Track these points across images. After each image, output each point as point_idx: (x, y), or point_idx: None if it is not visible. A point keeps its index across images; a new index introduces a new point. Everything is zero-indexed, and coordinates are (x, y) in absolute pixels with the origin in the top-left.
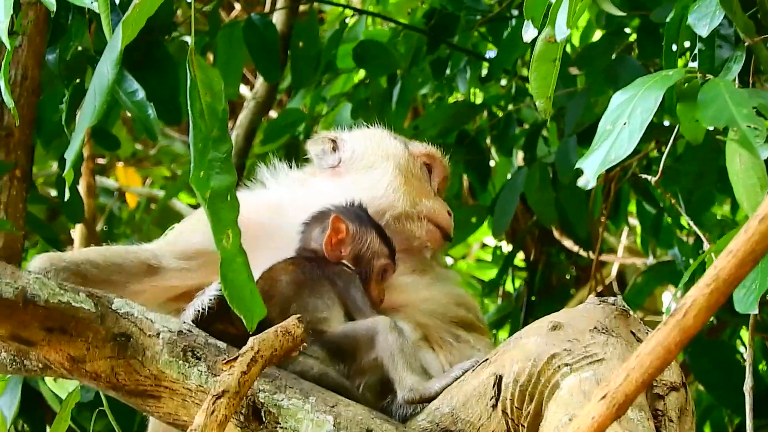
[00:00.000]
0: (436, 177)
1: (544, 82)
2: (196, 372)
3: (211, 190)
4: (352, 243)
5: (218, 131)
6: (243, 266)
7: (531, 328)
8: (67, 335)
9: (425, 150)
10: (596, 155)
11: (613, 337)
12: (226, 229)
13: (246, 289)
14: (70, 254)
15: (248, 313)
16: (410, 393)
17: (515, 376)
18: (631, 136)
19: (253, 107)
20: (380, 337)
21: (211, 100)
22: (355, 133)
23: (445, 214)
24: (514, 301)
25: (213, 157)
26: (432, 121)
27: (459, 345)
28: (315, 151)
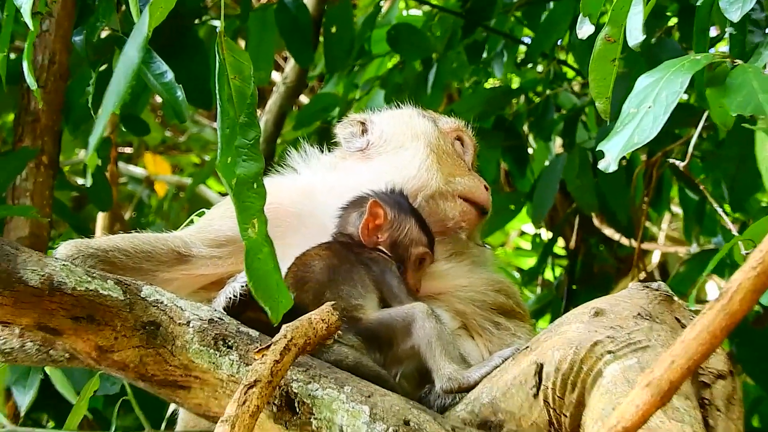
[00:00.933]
0: (468, 151)
1: (603, 82)
2: (227, 361)
3: (237, 178)
4: (389, 229)
5: (246, 117)
6: (269, 256)
7: (572, 315)
8: (95, 324)
9: (455, 125)
10: (619, 138)
11: (657, 324)
12: (252, 217)
13: (272, 279)
14: (97, 241)
15: (274, 303)
16: (449, 382)
17: (557, 364)
18: (656, 119)
19: (284, 92)
20: (417, 325)
21: (240, 84)
22: (383, 115)
23: (481, 189)
24: (555, 290)
25: (240, 144)
26: (468, 106)
27: (499, 332)
28: (343, 135)
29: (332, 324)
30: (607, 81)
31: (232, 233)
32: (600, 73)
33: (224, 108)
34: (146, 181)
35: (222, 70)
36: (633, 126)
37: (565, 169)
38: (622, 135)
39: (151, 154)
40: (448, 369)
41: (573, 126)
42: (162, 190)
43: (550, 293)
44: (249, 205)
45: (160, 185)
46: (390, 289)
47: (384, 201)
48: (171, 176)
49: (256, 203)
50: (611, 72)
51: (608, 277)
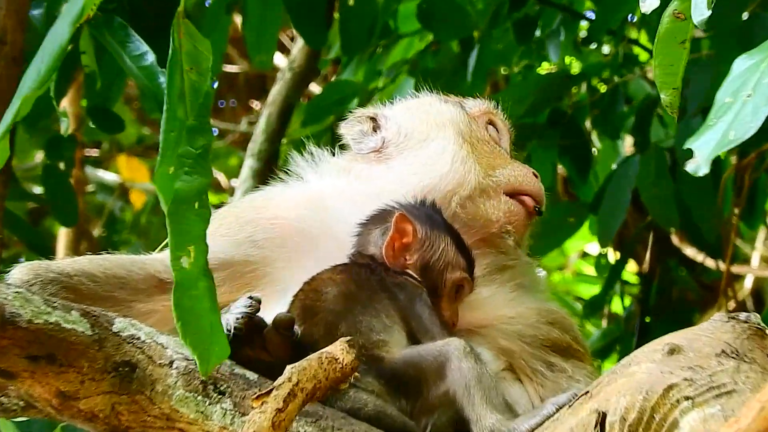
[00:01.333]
0: (503, 137)
1: (670, 69)
2: (219, 410)
3: (175, 193)
4: (420, 249)
5: (196, 119)
6: (206, 293)
7: (642, 353)
8: (56, 365)
9: (485, 107)
10: (711, 134)
11: (745, 363)
12: (189, 244)
13: (205, 321)
14: (59, 264)
15: (204, 351)
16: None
17: (623, 413)
18: (756, 111)
19: (290, 80)
20: (452, 365)
21: (195, 78)
22: (397, 107)
23: (530, 178)
24: (624, 323)
25: (184, 152)
26: (517, 96)
27: (553, 375)
28: (351, 134)
29: (348, 364)
30: (675, 68)
31: (225, 255)
32: (667, 57)
33: (172, 105)
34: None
35: (174, 58)
36: (729, 119)
37: (639, 174)
38: (715, 130)
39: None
40: (490, 419)
41: (647, 121)
42: (139, 201)
43: (618, 327)
44: (186, 228)
45: (136, 194)
46: (420, 321)
47: (413, 215)
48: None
49: (195, 227)
50: (681, 57)
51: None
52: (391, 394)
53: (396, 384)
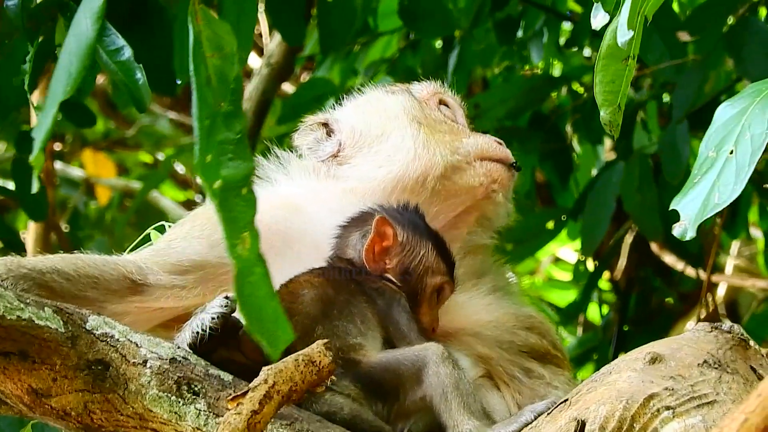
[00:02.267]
0: (458, 113)
1: (612, 86)
2: (193, 411)
3: (222, 181)
4: (400, 253)
5: (230, 104)
6: (263, 278)
7: (623, 361)
8: (29, 361)
9: (431, 88)
10: (695, 194)
11: (728, 374)
12: (242, 231)
13: (268, 307)
14: (31, 260)
15: (271, 338)
16: None
17: (602, 422)
18: (739, 172)
19: (266, 75)
20: (430, 370)
21: (220, 63)
22: (346, 107)
23: (495, 145)
24: (601, 332)
25: (224, 139)
26: (498, 98)
27: (530, 381)
28: (306, 144)
29: (324, 367)
30: (617, 85)
31: (198, 257)
32: (608, 74)
33: (202, 94)
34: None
35: (197, 46)
36: (712, 178)
37: (622, 182)
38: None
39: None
40: (467, 426)
41: (630, 126)
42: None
43: (595, 336)
44: (237, 215)
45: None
46: (397, 327)
47: (394, 218)
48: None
49: (246, 213)
50: (623, 74)
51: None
52: (368, 398)
53: (372, 388)
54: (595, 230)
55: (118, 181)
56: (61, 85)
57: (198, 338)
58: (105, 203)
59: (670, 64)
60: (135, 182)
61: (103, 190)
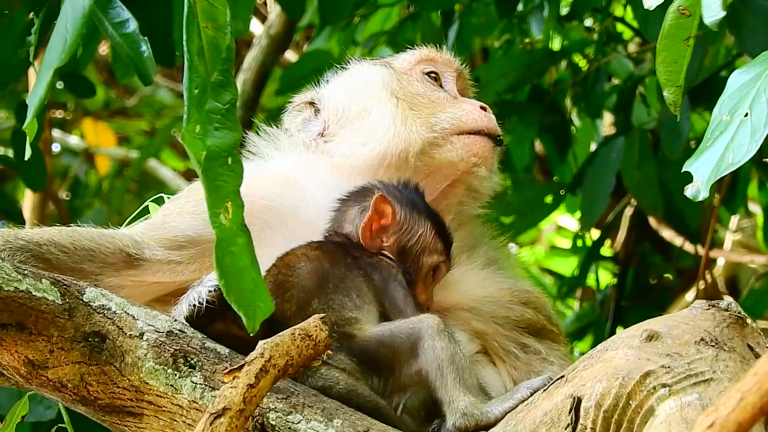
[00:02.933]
0: (448, 80)
1: (674, 66)
2: (189, 384)
3: (207, 150)
4: (398, 232)
5: (220, 74)
6: (245, 248)
7: (620, 338)
8: (25, 333)
9: (416, 56)
10: (708, 156)
11: (724, 352)
12: (225, 200)
13: (247, 277)
14: (29, 232)
15: (250, 308)
16: (463, 419)
17: (598, 399)
18: (754, 133)
19: (266, 46)
20: (425, 344)
21: (213, 33)
22: (332, 83)
23: (475, 114)
24: (599, 306)
25: (212, 108)
26: (498, 72)
27: (526, 357)
28: (295, 126)
29: (320, 341)
30: (678, 65)
31: (194, 233)
32: (670, 54)
33: (193, 63)
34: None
35: (191, 16)
36: (726, 140)
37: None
38: (712, 152)
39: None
40: (462, 402)
41: (629, 101)
42: (104, 166)
43: (593, 310)
44: (221, 184)
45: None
46: (393, 302)
47: (393, 196)
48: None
49: (230, 182)
50: (684, 54)
51: (666, 292)
52: (363, 372)
53: (368, 362)
54: (594, 205)
55: (118, 150)
56: (57, 53)
57: (195, 311)
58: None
59: None
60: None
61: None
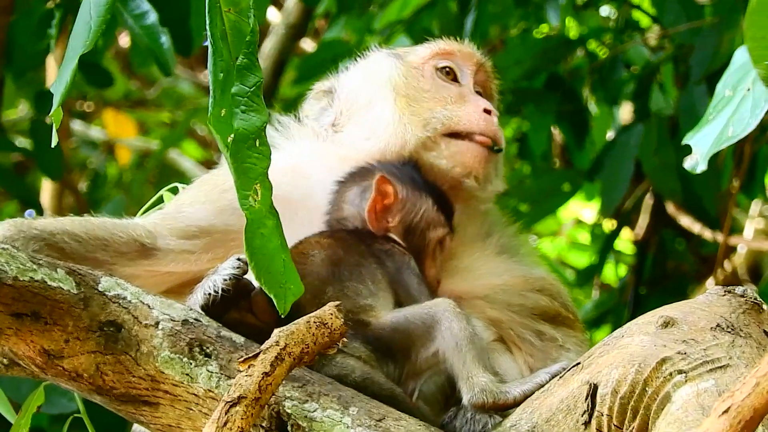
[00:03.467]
0: (466, 74)
1: (763, 42)
2: (204, 373)
3: (234, 133)
4: (401, 210)
5: (245, 57)
6: (274, 231)
7: (636, 325)
8: (41, 322)
9: (432, 50)
10: (710, 129)
11: (740, 338)
12: (254, 182)
13: (278, 259)
14: (42, 222)
15: (280, 290)
16: (481, 394)
17: (614, 386)
18: (755, 106)
19: (284, 34)
20: (442, 326)
21: (235, 17)
22: (351, 71)
23: (473, 115)
24: (617, 294)
25: (238, 91)
26: (514, 59)
27: (542, 344)
28: (312, 115)
29: (336, 329)
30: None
31: (206, 223)
32: (760, 30)
33: (217, 48)
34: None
35: (213, 1)
36: (728, 114)
37: (641, 144)
38: (714, 125)
39: (111, 111)
40: (482, 378)
41: (646, 88)
42: (125, 157)
43: (611, 298)
44: (249, 167)
45: (122, 151)
46: (407, 290)
47: (393, 175)
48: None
49: (258, 165)
50: None
51: (685, 279)
52: (379, 360)
53: (383, 349)
54: (613, 192)
55: (138, 141)
56: (81, 39)
57: (210, 300)
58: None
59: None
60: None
61: (123, 151)
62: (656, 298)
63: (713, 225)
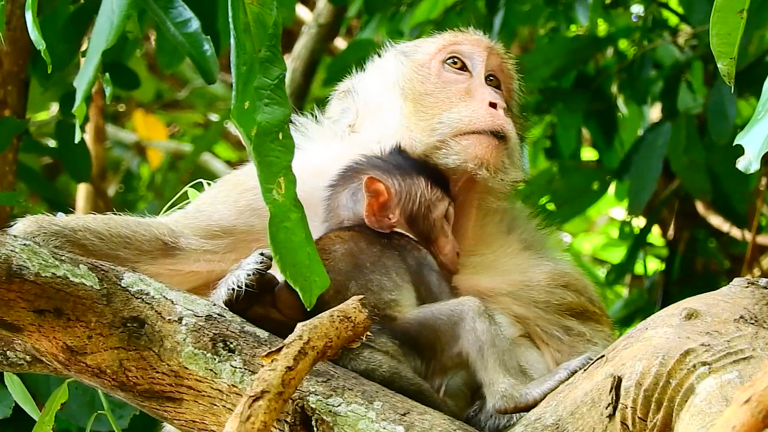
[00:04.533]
0: (477, 61)
1: (728, 39)
2: (228, 368)
3: (258, 126)
4: (399, 203)
5: (268, 50)
6: (298, 223)
7: (659, 317)
8: (63, 319)
9: (437, 44)
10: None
11: (764, 329)
12: (277, 175)
13: (302, 252)
14: (64, 219)
15: (306, 283)
16: (502, 401)
17: (638, 378)
18: None
19: (315, 34)
20: (467, 325)
21: (258, 9)
22: (368, 71)
23: (479, 113)
24: (647, 292)
25: (261, 84)
26: (543, 59)
27: (570, 339)
28: (336, 114)
29: (360, 323)
30: (732, 37)
31: (226, 222)
32: (724, 27)
33: (240, 41)
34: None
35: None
36: None
37: (669, 142)
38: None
39: (142, 113)
40: (502, 384)
41: (675, 87)
42: (156, 159)
43: (641, 297)
44: (273, 160)
45: (153, 152)
46: (428, 286)
47: (380, 170)
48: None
49: (282, 158)
50: (738, 26)
51: (714, 278)
52: (406, 355)
53: (410, 344)
54: (642, 190)
55: (170, 143)
56: (104, 35)
57: (234, 295)
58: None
59: None
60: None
61: (154, 153)
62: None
63: (741, 223)
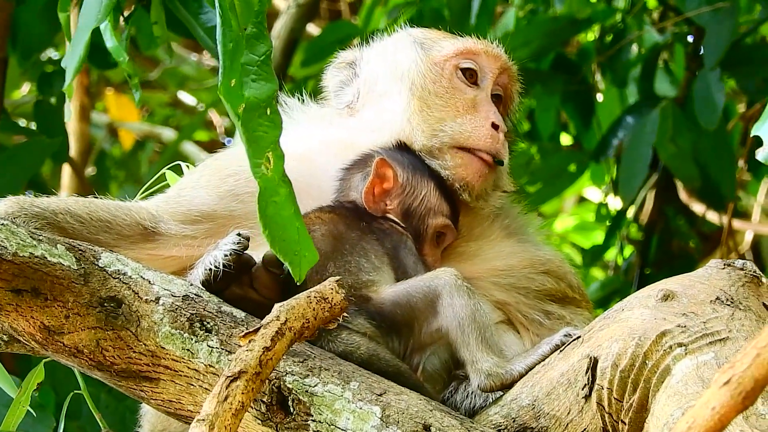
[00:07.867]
0: (487, 76)
1: None
2: (205, 348)
3: (245, 102)
4: (401, 194)
5: (254, 27)
6: (287, 198)
7: (635, 299)
8: (41, 298)
9: (457, 48)
10: None
11: (740, 311)
12: (265, 150)
13: (291, 227)
14: (45, 200)
15: (295, 258)
16: (488, 379)
17: (614, 359)
18: None
19: (295, 14)
20: (444, 301)
21: None
22: (375, 47)
23: (480, 132)
24: (623, 274)
25: (247, 60)
26: (522, 40)
27: (550, 323)
28: (332, 87)
29: (336, 304)
30: None
31: (207, 208)
32: None
33: (226, 18)
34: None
35: None
36: None
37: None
38: None
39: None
40: (486, 363)
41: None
42: (128, 140)
43: (617, 278)
44: (261, 135)
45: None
46: (405, 270)
47: (395, 160)
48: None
49: (270, 133)
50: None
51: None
52: (384, 335)
53: (387, 324)
54: (632, 178)
55: (142, 125)
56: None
57: (211, 275)
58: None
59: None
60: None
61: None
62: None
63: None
